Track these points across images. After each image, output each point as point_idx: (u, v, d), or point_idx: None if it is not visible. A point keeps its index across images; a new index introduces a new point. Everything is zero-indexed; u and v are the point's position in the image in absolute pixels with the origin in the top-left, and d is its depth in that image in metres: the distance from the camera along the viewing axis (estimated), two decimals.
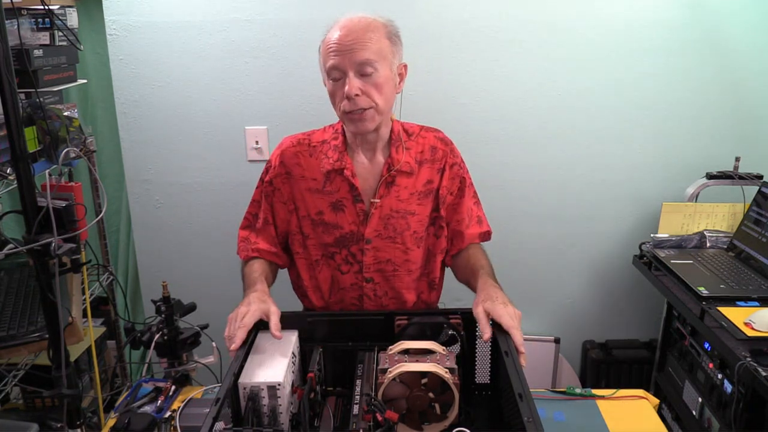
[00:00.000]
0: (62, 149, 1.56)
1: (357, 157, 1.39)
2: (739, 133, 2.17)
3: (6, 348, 1.37)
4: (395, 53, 1.30)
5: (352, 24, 1.25)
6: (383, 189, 1.37)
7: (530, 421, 0.91)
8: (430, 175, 1.40)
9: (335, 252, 1.40)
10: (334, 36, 1.25)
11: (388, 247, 1.39)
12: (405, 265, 1.41)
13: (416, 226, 1.40)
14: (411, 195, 1.39)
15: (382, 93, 1.27)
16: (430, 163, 1.41)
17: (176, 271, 2.29)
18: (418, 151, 1.40)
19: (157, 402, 1.30)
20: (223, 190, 2.25)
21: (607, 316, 2.39)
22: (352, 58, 1.23)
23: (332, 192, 1.38)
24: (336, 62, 1.25)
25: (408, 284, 1.43)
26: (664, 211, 2.12)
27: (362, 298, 1.42)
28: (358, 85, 1.24)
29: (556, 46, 2.09)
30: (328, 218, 1.39)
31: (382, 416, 0.99)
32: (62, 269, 1.21)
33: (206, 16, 2.07)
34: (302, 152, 1.41)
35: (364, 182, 1.38)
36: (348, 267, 1.41)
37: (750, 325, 1.51)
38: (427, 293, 1.48)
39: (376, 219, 1.38)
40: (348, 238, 1.39)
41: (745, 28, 2.06)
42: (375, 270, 1.41)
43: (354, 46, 1.23)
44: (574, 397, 1.33)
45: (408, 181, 1.39)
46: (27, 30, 1.67)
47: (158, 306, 1.37)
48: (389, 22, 1.30)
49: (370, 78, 1.25)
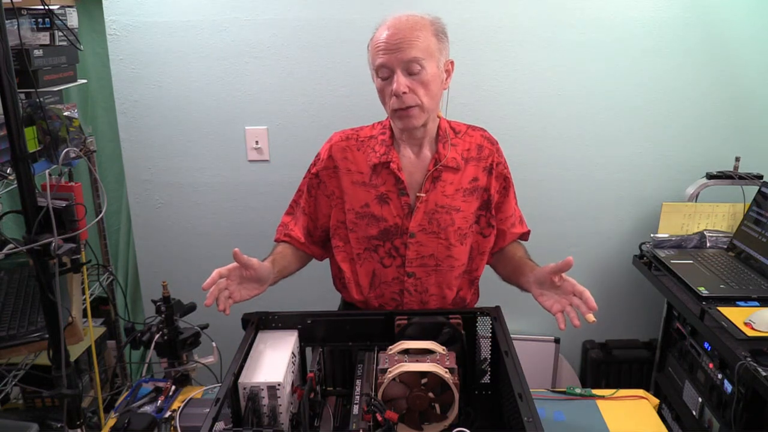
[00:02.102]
0: (62, 149, 1.56)
1: (403, 151, 1.41)
2: (739, 133, 2.17)
3: (6, 348, 1.37)
4: (442, 50, 1.33)
5: (399, 23, 1.28)
6: (429, 183, 1.39)
7: (530, 421, 0.91)
8: (475, 173, 1.42)
9: (379, 245, 1.41)
10: (383, 35, 1.28)
11: (431, 242, 1.40)
12: (447, 261, 1.42)
13: (460, 222, 1.41)
14: (456, 191, 1.40)
15: (428, 90, 1.30)
16: (476, 161, 1.42)
17: (176, 271, 2.29)
18: (465, 149, 1.42)
19: (157, 402, 1.30)
20: (223, 190, 2.25)
21: (607, 316, 2.39)
22: (399, 57, 1.26)
23: (378, 185, 1.40)
24: (384, 61, 1.28)
25: (449, 281, 1.43)
26: (664, 211, 2.12)
27: (403, 293, 1.43)
28: (406, 83, 1.27)
29: (557, 46, 2.09)
30: (374, 210, 1.40)
31: (382, 416, 0.99)
32: (62, 269, 1.21)
33: (206, 16, 2.07)
34: (350, 147, 1.44)
35: (410, 176, 1.40)
36: (391, 260, 1.42)
37: (750, 325, 1.51)
38: (467, 290, 1.49)
39: (421, 213, 1.39)
40: (392, 231, 1.40)
41: (745, 28, 2.06)
42: (417, 265, 1.41)
43: (401, 45, 1.26)
44: (574, 397, 1.33)
45: (454, 177, 1.40)
46: (27, 30, 1.67)
47: (158, 306, 1.37)
48: (436, 20, 1.33)
49: (417, 76, 1.28)
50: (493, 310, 1.26)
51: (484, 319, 1.26)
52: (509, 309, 1.32)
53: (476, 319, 1.26)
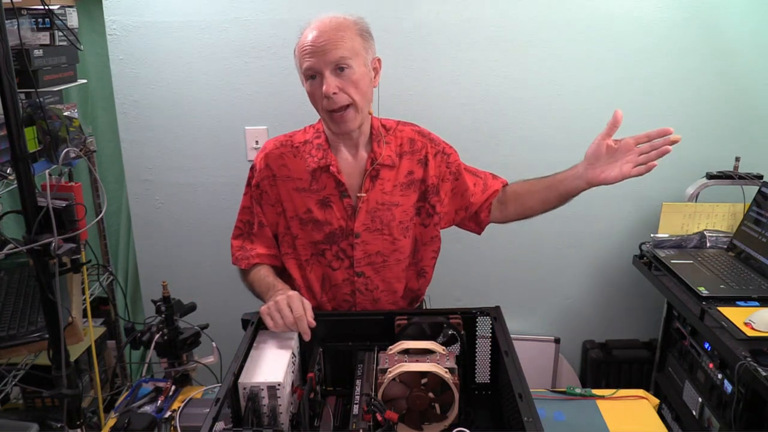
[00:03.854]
0: (62, 149, 1.56)
1: (340, 154, 1.42)
2: (739, 133, 2.17)
3: (6, 348, 1.37)
4: (368, 49, 1.34)
5: (323, 25, 1.29)
6: (368, 183, 1.41)
7: (530, 421, 0.91)
8: (410, 167, 1.44)
9: (326, 249, 1.42)
10: (308, 38, 1.29)
11: (376, 240, 1.42)
12: (393, 255, 1.44)
13: (401, 217, 1.44)
14: (394, 187, 1.43)
15: (358, 89, 1.30)
16: (410, 154, 1.45)
17: (176, 271, 2.29)
18: (398, 144, 1.44)
19: (157, 402, 1.30)
20: (223, 190, 2.25)
21: (607, 316, 2.39)
22: (326, 58, 1.27)
23: (319, 190, 1.41)
24: (311, 63, 1.28)
25: (397, 274, 1.46)
26: (664, 211, 2.12)
27: (354, 293, 1.45)
28: (336, 83, 1.28)
29: (556, 46, 2.09)
30: (317, 215, 1.41)
31: (382, 416, 0.99)
32: (62, 269, 1.21)
33: (206, 16, 2.07)
34: (286, 153, 1.44)
35: (349, 178, 1.41)
36: (339, 263, 1.43)
37: (750, 325, 1.51)
38: (415, 281, 1.51)
39: (363, 213, 1.41)
40: (337, 233, 1.41)
41: (745, 28, 2.06)
42: (366, 264, 1.43)
43: (327, 46, 1.27)
44: (574, 397, 1.33)
45: (390, 174, 1.42)
46: (27, 30, 1.67)
47: (158, 306, 1.37)
48: (359, 20, 1.35)
49: (345, 75, 1.29)
50: (493, 310, 1.26)
51: (484, 319, 1.25)
52: (509, 309, 1.32)
53: (476, 319, 1.26)
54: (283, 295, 1.21)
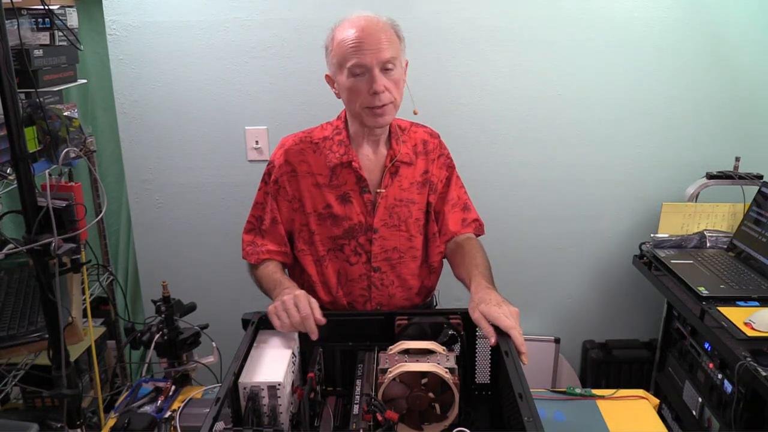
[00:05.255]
0: (62, 149, 1.56)
1: (361, 150, 1.44)
2: (739, 133, 2.17)
3: (6, 348, 1.37)
4: (403, 51, 1.38)
5: (370, 24, 1.32)
6: (387, 179, 1.44)
7: (530, 421, 0.91)
8: (425, 166, 1.49)
9: (344, 244, 1.44)
10: (352, 35, 1.31)
11: (393, 236, 1.45)
12: (410, 252, 1.48)
13: (417, 214, 1.48)
14: (411, 184, 1.47)
15: (398, 88, 1.36)
16: (425, 154, 1.49)
17: (176, 271, 2.29)
18: (413, 144, 1.49)
19: (157, 402, 1.30)
20: (223, 190, 2.25)
21: (607, 316, 2.39)
22: (377, 56, 1.30)
23: (339, 185, 1.43)
24: (361, 60, 1.30)
25: (413, 270, 1.49)
26: (664, 211, 2.12)
27: (370, 288, 1.46)
28: (384, 82, 1.31)
29: (556, 45, 2.09)
30: (337, 210, 1.43)
31: (382, 416, 0.99)
32: (62, 269, 1.21)
33: (206, 16, 2.07)
34: (306, 149, 1.45)
35: (369, 174, 1.44)
36: (357, 258, 1.45)
37: (750, 325, 1.51)
38: (428, 277, 1.54)
39: (382, 208, 1.44)
40: (356, 229, 1.43)
41: (745, 27, 2.06)
42: (382, 259, 1.45)
43: (380, 45, 1.30)
44: (574, 397, 1.33)
45: (408, 171, 1.46)
46: (27, 30, 1.67)
47: (158, 306, 1.37)
48: (394, 22, 1.38)
49: (390, 75, 1.33)
50: None
51: None
52: None
53: None
54: (289, 295, 1.21)
